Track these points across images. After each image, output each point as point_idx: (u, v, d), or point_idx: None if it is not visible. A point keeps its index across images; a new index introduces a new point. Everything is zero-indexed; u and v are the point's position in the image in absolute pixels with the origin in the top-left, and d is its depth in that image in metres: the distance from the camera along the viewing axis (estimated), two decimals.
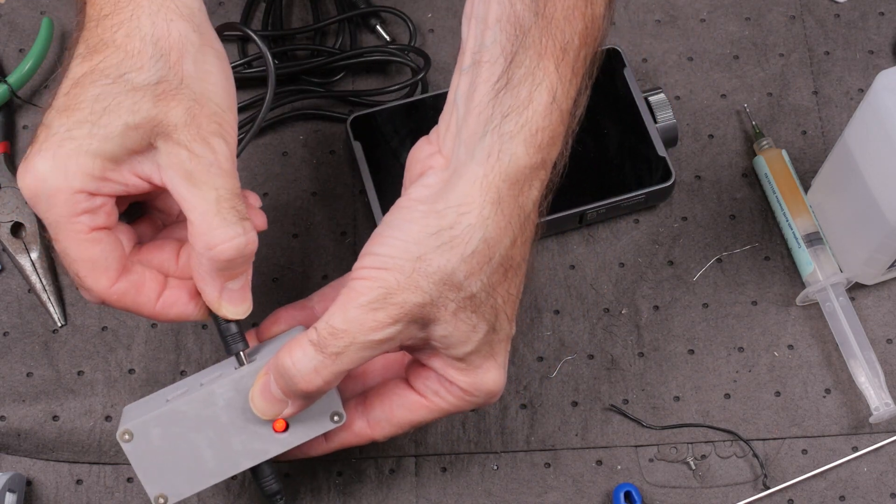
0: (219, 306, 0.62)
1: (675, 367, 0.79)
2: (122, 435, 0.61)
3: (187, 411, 0.62)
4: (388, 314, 0.58)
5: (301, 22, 0.89)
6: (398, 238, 0.59)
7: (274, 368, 0.60)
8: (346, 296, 0.59)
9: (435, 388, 0.64)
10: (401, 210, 0.60)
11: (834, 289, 0.78)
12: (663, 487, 0.76)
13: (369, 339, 0.59)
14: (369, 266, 0.59)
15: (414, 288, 0.58)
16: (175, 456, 0.62)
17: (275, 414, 0.62)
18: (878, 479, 0.76)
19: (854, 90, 0.86)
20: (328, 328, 0.58)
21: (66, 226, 0.58)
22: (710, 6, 0.89)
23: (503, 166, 0.59)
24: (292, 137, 0.85)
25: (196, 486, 0.63)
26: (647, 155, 0.81)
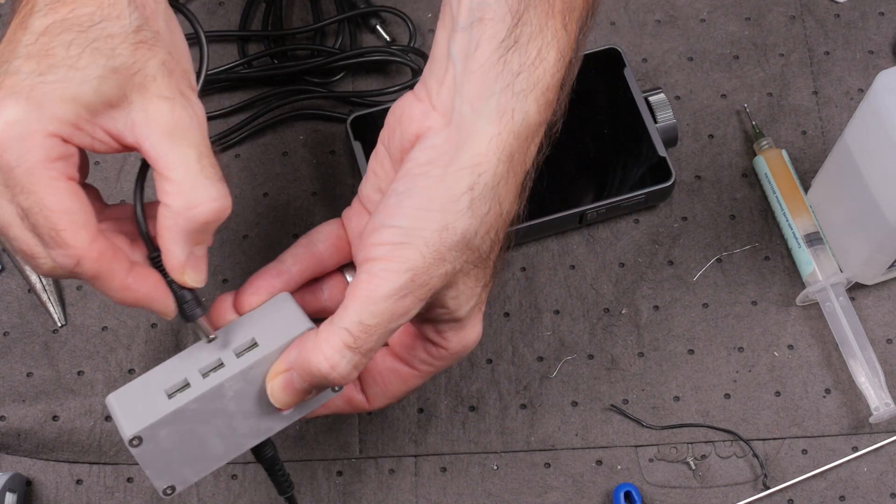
0: (182, 272, 0.58)
1: (675, 367, 0.79)
2: (132, 441, 0.59)
3: (196, 408, 0.60)
4: (417, 297, 0.56)
5: (301, 22, 0.89)
6: (419, 207, 0.56)
7: (304, 370, 0.58)
8: (370, 283, 0.56)
9: (422, 357, 0.63)
10: (413, 177, 0.57)
11: (834, 289, 0.78)
12: (663, 487, 0.76)
13: (398, 325, 0.57)
14: (389, 242, 0.56)
15: (440, 261, 0.56)
16: (183, 449, 0.61)
17: (297, 402, 0.60)
18: (878, 479, 0.76)
19: (854, 90, 0.86)
20: (361, 327, 0.56)
21: (42, 172, 0.53)
22: (710, 6, 0.89)
23: (516, 125, 0.58)
24: (292, 137, 0.85)
25: (202, 471, 0.62)
26: (647, 155, 0.81)
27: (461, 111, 0.58)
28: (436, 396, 0.78)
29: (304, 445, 0.77)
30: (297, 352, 0.59)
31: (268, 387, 0.60)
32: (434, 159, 0.57)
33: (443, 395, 0.78)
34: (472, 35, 0.58)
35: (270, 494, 0.76)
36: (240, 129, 0.85)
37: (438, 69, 0.60)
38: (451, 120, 0.58)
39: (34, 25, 0.54)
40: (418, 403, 0.78)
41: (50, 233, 0.54)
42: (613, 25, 0.88)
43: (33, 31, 0.54)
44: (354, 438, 0.77)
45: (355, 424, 0.77)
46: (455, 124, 0.58)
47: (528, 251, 0.82)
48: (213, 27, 0.89)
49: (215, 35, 0.88)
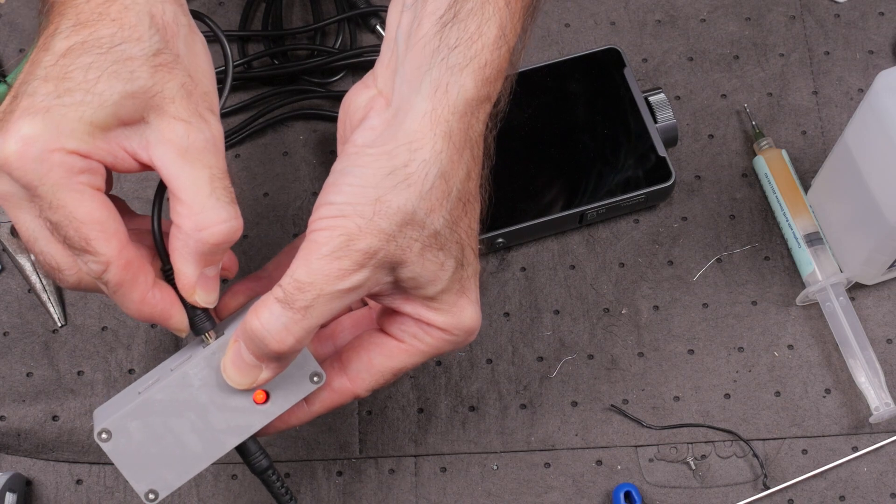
0: (192, 292, 0.59)
1: (675, 367, 0.79)
2: (100, 434, 0.59)
3: (163, 398, 0.60)
4: (353, 260, 0.56)
5: (301, 22, 0.89)
6: (353, 184, 0.57)
7: (243, 334, 0.58)
8: (306, 248, 0.57)
9: (413, 331, 0.62)
10: (350, 157, 0.58)
11: (834, 289, 0.78)
12: (663, 487, 0.76)
13: (336, 288, 0.57)
14: (327, 216, 0.57)
15: (376, 231, 0.56)
16: (158, 447, 0.60)
17: (250, 382, 0.59)
18: (878, 479, 0.76)
19: (854, 90, 0.86)
20: (293, 283, 0.56)
21: (68, 185, 0.54)
22: (710, 6, 0.89)
23: (451, 99, 0.58)
24: (292, 137, 0.85)
25: (185, 474, 0.61)
26: (647, 155, 0.81)
27: (400, 90, 0.58)
28: (436, 396, 0.78)
29: (304, 445, 0.77)
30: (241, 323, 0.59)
31: (222, 363, 0.60)
32: (372, 140, 0.58)
33: (443, 395, 0.78)
34: (415, 13, 0.59)
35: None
36: (240, 130, 0.85)
37: (385, 52, 0.60)
38: (391, 101, 0.59)
39: (56, 47, 0.55)
40: (418, 403, 0.78)
41: (80, 243, 0.55)
42: (613, 25, 0.88)
43: (55, 53, 0.55)
44: (354, 438, 0.77)
45: (355, 424, 0.77)
46: (394, 105, 0.59)
47: (528, 251, 0.82)
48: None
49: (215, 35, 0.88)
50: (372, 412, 0.78)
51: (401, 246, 0.57)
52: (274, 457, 0.76)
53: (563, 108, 0.82)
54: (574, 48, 0.88)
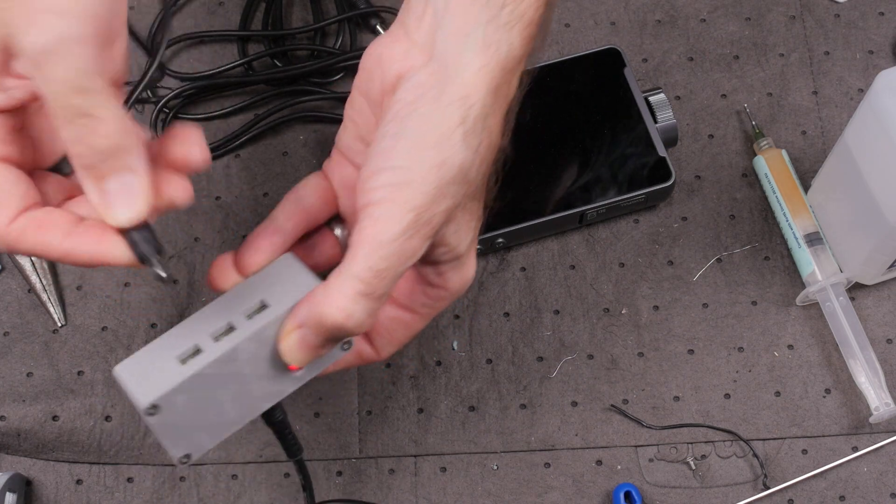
0: (105, 212, 0.53)
1: (675, 367, 0.79)
2: (149, 410, 0.56)
3: (211, 373, 0.58)
4: (423, 236, 0.55)
5: (301, 22, 0.89)
6: (413, 146, 0.55)
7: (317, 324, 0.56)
8: (375, 228, 0.54)
9: (423, 301, 0.62)
10: (402, 118, 0.56)
11: (834, 289, 0.78)
12: (663, 487, 0.76)
13: (407, 266, 0.55)
14: (388, 184, 0.54)
15: (440, 198, 0.55)
16: (198, 416, 0.58)
17: (312, 359, 0.58)
18: (878, 479, 0.76)
19: (854, 90, 0.86)
20: (372, 273, 0.54)
21: None
22: (710, 6, 0.89)
23: (501, 56, 0.57)
24: (292, 138, 0.85)
25: (218, 437, 0.60)
26: (647, 155, 0.81)
27: (445, 45, 0.57)
28: (436, 396, 0.78)
29: (304, 445, 0.77)
30: (307, 307, 0.57)
31: (280, 347, 0.58)
32: (421, 96, 0.56)
33: (443, 395, 0.78)
34: None
35: (271, 494, 0.76)
36: (241, 135, 0.84)
37: (416, 7, 0.59)
38: (433, 55, 0.57)
39: None
40: (418, 403, 0.78)
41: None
42: (613, 25, 0.88)
43: None
44: (354, 438, 0.77)
45: (355, 424, 0.77)
46: (438, 59, 0.57)
47: (528, 251, 0.82)
48: (213, 27, 0.89)
49: (215, 35, 0.88)
50: (372, 412, 0.78)
51: (457, 207, 0.56)
52: (274, 456, 0.76)
53: (563, 109, 0.83)
54: (574, 48, 0.88)
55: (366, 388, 0.78)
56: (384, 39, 0.59)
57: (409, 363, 0.79)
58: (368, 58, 0.59)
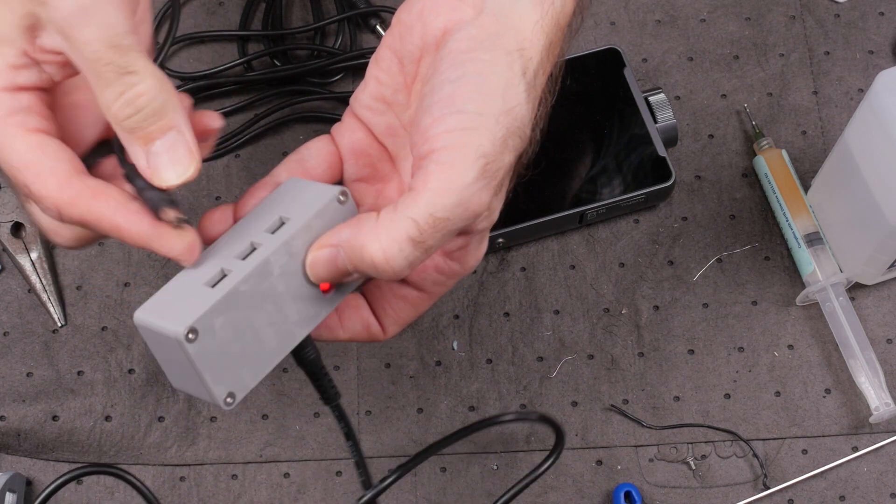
0: (152, 174, 0.51)
1: (675, 367, 0.79)
2: (188, 334, 0.51)
3: (246, 290, 0.53)
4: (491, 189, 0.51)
5: (301, 22, 0.89)
6: (480, 91, 0.51)
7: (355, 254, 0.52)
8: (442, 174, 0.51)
9: (434, 278, 0.58)
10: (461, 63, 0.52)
11: (834, 289, 0.78)
12: (663, 487, 0.76)
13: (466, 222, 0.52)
14: (457, 128, 0.51)
15: (506, 149, 0.51)
16: (239, 344, 0.53)
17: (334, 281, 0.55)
18: (878, 479, 0.76)
19: (854, 90, 0.86)
20: (431, 220, 0.51)
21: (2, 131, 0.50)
22: (710, 6, 0.89)
23: (556, 10, 0.55)
24: (292, 138, 0.85)
25: (260, 372, 0.55)
26: (647, 155, 0.81)
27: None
28: (436, 396, 0.78)
29: (304, 445, 0.77)
30: (350, 231, 0.53)
31: (309, 257, 0.54)
32: (477, 46, 0.53)
33: (443, 395, 0.78)
34: None
35: (271, 494, 0.76)
36: (240, 134, 0.84)
37: None
38: (483, 9, 0.54)
39: None
40: (418, 403, 0.78)
41: (24, 190, 0.51)
42: (613, 25, 0.88)
43: None
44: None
45: (356, 425, 0.77)
46: (490, 13, 0.54)
47: (528, 251, 0.82)
48: (213, 27, 0.89)
49: (215, 35, 0.88)
50: (372, 412, 0.78)
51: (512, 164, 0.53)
52: (274, 456, 0.76)
53: (563, 108, 0.82)
54: (574, 48, 0.87)
55: (366, 388, 0.78)
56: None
57: (409, 363, 0.79)
58: (407, 12, 0.56)
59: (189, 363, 0.52)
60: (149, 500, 0.68)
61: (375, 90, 0.58)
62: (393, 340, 0.79)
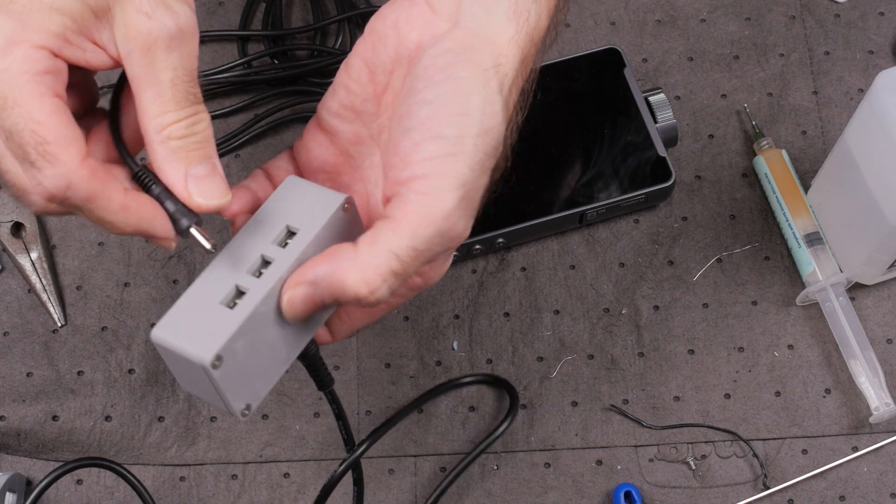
0: (189, 196, 0.53)
1: (675, 367, 0.79)
2: (214, 363, 0.52)
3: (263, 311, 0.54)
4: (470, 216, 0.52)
5: (301, 22, 0.89)
6: (459, 112, 0.52)
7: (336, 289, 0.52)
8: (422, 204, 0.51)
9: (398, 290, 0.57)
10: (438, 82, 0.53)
11: (834, 289, 0.78)
12: (663, 487, 0.76)
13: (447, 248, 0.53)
14: (436, 155, 0.52)
15: (482, 172, 0.52)
16: (255, 360, 0.55)
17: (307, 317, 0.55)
18: (878, 479, 0.76)
19: (854, 90, 0.86)
20: (414, 253, 0.51)
21: (29, 85, 0.49)
22: (710, 6, 0.89)
23: (531, 26, 0.55)
24: (292, 138, 0.85)
25: (271, 381, 0.57)
26: (647, 155, 0.81)
27: (471, 13, 0.54)
28: (436, 396, 0.78)
29: (304, 445, 0.77)
30: (328, 267, 0.53)
31: (284, 296, 0.54)
32: (453, 62, 0.53)
33: (443, 395, 0.78)
34: None
35: (271, 494, 0.76)
36: (240, 134, 0.84)
37: None
38: (457, 23, 0.55)
39: None
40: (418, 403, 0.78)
41: (38, 148, 0.50)
42: (613, 25, 0.88)
43: None
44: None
45: (355, 425, 0.77)
46: (464, 27, 0.54)
47: (528, 251, 0.82)
48: (213, 27, 0.89)
49: (215, 35, 0.88)
50: (372, 412, 0.78)
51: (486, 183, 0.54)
52: (274, 457, 0.76)
53: (563, 108, 0.83)
54: (574, 48, 0.88)
55: (366, 388, 0.78)
56: (399, 3, 0.56)
57: (409, 363, 0.79)
58: (381, 21, 0.57)
59: (212, 385, 0.53)
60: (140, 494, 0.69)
61: (345, 98, 0.59)
62: (393, 340, 0.79)
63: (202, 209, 0.53)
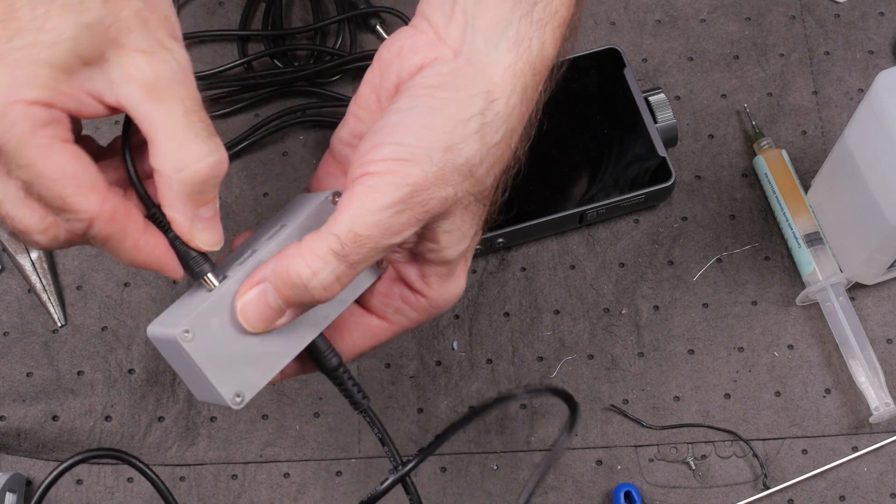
0: (192, 236, 0.54)
1: (675, 367, 0.79)
2: (183, 333, 0.53)
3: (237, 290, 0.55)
4: (414, 214, 0.53)
5: (301, 22, 0.89)
6: (424, 126, 0.53)
7: (281, 279, 0.54)
8: (366, 195, 0.52)
9: (398, 306, 0.59)
10: (417, 97, 0.54)
11: (834, 289, 0.78)
12: (663, 487, 0.76)
13: (390, 242, 0.53)
14: (391, 157, 0.53)
15: (442, 182, 0.53)
16: (240, 344, 0.55)
17: (265, 327, 0.55)
18: (878, 479, 0.76)
19: (854, 90, 0.86)
20: (351, 236, 0.52)
21: (33, 141, 0.49)
22: (710, 6, 0.89)
23: (532, 55, 0.55)
24: (292, 138, 0.85)
25: (268, 373, 0.57)
26: (647, 155, 0.81)
27: (473, 44, 0.55)
28: (436, 396, 0.78)
29: (304, 445, 0.77)
30: (274, 261, 0.54)
31: (238, 303, 0.55)
32: (441, 85, 0.54)
33: (443, 395, 0.78)
34: None
35: (271, 494, 0.76)
36: (243, 140, 0.84)
37: (443, 4, 0.57)
38: (460, 52, 0.56)
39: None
40: (418, 403, 0.78)
41: (57, 202, 0.51)
42: (613, 25, 0.88)
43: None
44: (354, 438, 0.77)
45: (355, 424, 0.77)
46: (465, 57, 0.55)
47: (528, 251, 0.82)
48: (213, 27, 0.89)
49: (215, 35, 0.88)
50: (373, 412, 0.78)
51: (456, 199, 0.54)
52: (274, 456, 0.76)
53: (563, 109, 0.82)
54: (574, 48, 0.88)
55: (366, 388, 0.78)
56: (406, 31, 0.57)
57: (409, 363, 0.79)
58: (387, 49, 0.58)
59: (191, 363, 0.54)
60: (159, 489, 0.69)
61: (354, 126, 0.59)
62: (393, 340, 0.79)
63: (199, 250, 0.55)
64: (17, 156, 0.50)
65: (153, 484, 0.69)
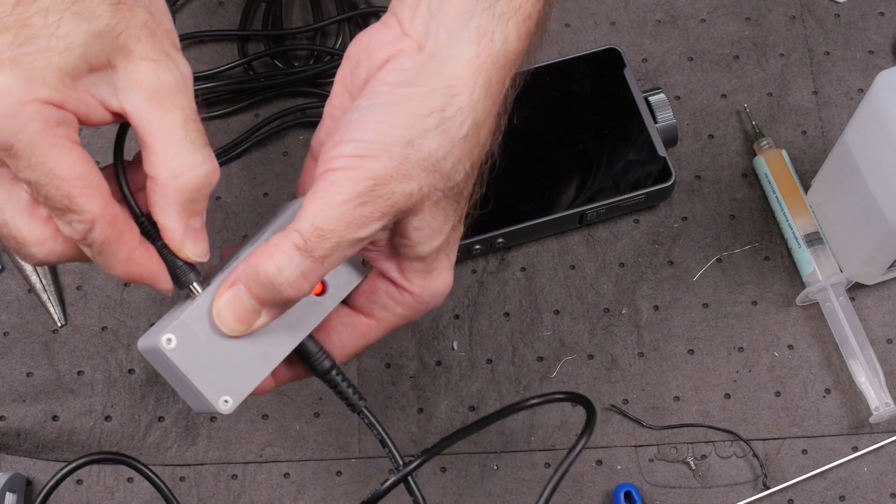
0: (182, 246, 0.55)
1: (675, 367, 0.79)
2: (165, 340, 0.54)
3: None
4: (377, 207, 0.53)
5: (301, 22, 0.89)
6: (383, 122, 0.54)
7: (251, 278, 0.54)
8: (327, 190, 0.53)
9: (383, 302, 0.59)
10: (379, 94, 0.55)
11: (834, 289, 0.78)
12: (663, 487, 0.76)
13: (356, 236, 0.53)
14: (351, 154, 0.53)
15: (404, 176, 0.53)
16: (225, 349, 0.56)
17: (244, 329, 0.56)
18: (878, 479, 0.76)
19: (854, 90, 0.86)
20: (313, 230, 0.53)
21: (46, 139, 0.50)
22: (710, 6, 0.89)
23: (495, 48, 0.56)
24: (292, 138, 0.85)
25: (256, 377, 0.57)
26: (647, 155, 0.81)
27: (437, 37, 0.56)
28: (436, 396, 0.78)
29: (304, 445, 0.77)
30: (243, 263, 0.55)
31: (213, 307, 0.56)
32: (402, 81, 0.55)
33: (443, 395, 0.78)
34: None
35: (271, 494, 0.76)
36: (242, 142, 0.84)
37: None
38: (424, 46, 0.56)
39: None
40: (418, 403, 0.78)
41: (63, 201, 0.51)
42: (613, 25, 0.88)
43: (6, 3, 0.51)
44: (354, 438, 0.77)
45: (355, 424, 0.77)
46: (428, 51, 0.56)
47: (528, 251, 0.82)
48: (213, 27, 0.89)
49: (215, 35, 0.88)
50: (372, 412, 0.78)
51: (423, 195, 0.55)
52: (274, 456, 0.76)
53: (562, 109, 0.83)
54: (574, 48, 0.88)
55: (366, 388, 0.78)
56: (375, 28, 0.58)
57: (409, 363, 0.79)
58: (355, 46, 0.58)
59: (176, 370, 0.55)
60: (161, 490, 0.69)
61: (330, 126, 0.60)
62: (393, 340, 0.79)
63: (187, 261, 0.56)
64: (29, 154, 0.50)
65: (153, 484, 0.69)
